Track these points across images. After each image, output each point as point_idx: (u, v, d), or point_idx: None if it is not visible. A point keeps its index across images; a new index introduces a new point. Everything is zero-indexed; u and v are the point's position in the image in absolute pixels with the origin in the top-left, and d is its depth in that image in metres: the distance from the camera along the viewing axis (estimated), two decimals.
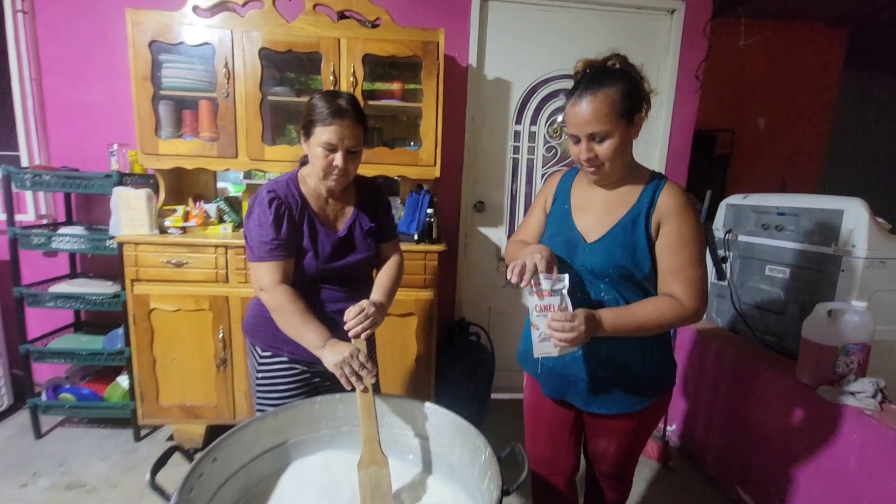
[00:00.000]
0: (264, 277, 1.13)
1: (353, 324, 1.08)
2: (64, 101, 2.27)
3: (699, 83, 2.50)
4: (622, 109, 0.96)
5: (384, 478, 0.98)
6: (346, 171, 1.14)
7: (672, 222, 1.00)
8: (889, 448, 1.29)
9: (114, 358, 2.04)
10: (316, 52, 1.95)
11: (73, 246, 2.03)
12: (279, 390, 1.23)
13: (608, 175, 1.04)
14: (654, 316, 1.00)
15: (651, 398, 1.11)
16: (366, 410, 1.02)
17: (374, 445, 1.00)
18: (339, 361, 1.03)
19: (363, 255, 1.26)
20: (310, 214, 1.20)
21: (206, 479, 0.92)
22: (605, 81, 0.97)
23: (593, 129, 0.97)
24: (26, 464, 1.95)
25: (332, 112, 1.09)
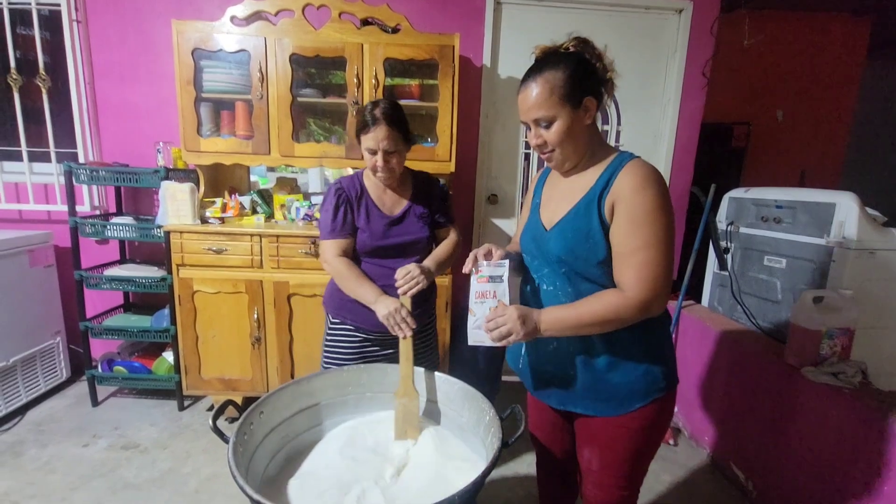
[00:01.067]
0: (327, 252, 1.41)
1: (401, 282, 1.28)
2: (114, 103, 2.50)
3: (706, 80, 2.57)
4: (565, 93, 0.93)
5: (414, 407, 1.21)
6: (388, 169, 1.35)
7: (625, 203, 0.92)
8: (865, 423, 1.40)
9: (160, 335, 2.27)
10: (341, 56, 2.12)
11: (125, 234, 2.26)
12: (341, 351, 1.49)
13: (563, 161, 1.01)
14: (594, 309, 0.93)
15: (630, 405, 1.01)
16: (405, 354, 1.24)
17: (408, 382, 1.23)
18: (387, 313, 1.25)
19: (415, 236, 1.46)
20: (367, 201, 1.43)
21: (255, 428, 1.10)
22: (547, 66, 0.94)
23: (535, 114, 0.95)
24: (86, 427, 2.20)
25: (369, 122, 1.31)
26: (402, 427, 1.21)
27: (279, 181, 2.53)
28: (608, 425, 1.05)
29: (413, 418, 1.21)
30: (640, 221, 0.90)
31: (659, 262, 0.90)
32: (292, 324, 2.18)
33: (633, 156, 0.99)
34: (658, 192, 0.91)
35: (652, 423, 1.04)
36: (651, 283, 0.90)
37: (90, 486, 1.81)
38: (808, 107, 3.64)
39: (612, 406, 1.03)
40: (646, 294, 0.90)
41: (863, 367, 1.53)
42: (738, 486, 1.92)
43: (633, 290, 0.91)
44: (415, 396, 1.22)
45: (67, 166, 2.16)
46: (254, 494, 0.82)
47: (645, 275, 0.90)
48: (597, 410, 1.05)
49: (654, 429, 1.05)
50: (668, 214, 0.92)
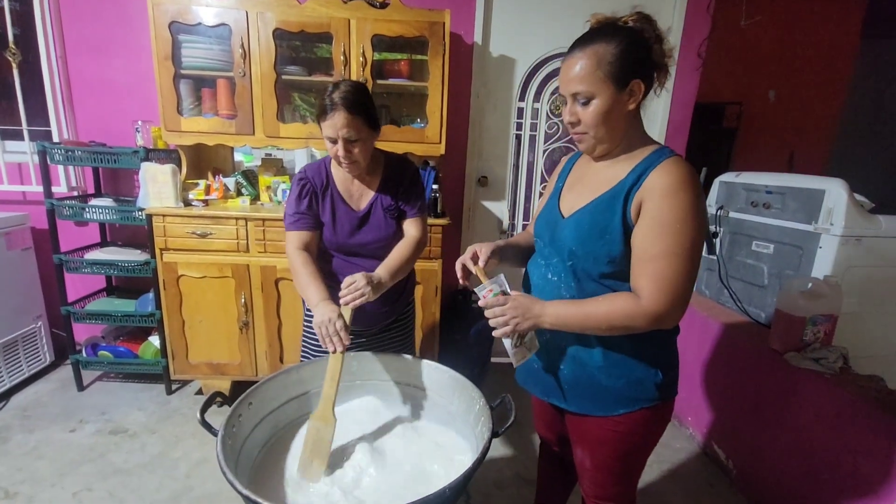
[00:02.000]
0: (288, 243, 1.33)
1: (344, 292, 1.18)
2: (88, 79, 2.38)
3: (701, 60, 2.54)
4: (612, 70, 0.84)
5: (326, 434, 1.07)
6: (350, 159, 1.24)
7: (653, 203, 0.84)
8: (843, 407, 1.44)
9: (145, 319, 2.24)
10: (327, 32, 2.03)
11: (105, 217, 2.19)
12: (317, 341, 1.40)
13: (594, 145, 0.92)
14: (603, 311, 0.87)
15: (613, 409, 0.98)
16: (330, 372, 1.11)
17: (328, 404, 1.09)
18: (320, 322, 1.13)
19: (382, 233, 1.37)
20: (333, 193, 1.34)
21: (244, 419, 1.09)
22: (599, 37, 0.85)
23: (575, 87, 0.87)
24: (73, 412, 2.18)
25: (326, 108, 1.19)
26: (308, 458, 1.05)
27: (265, 161, 2.46)
28: (595, 425, 1.01)
29: (324, 448, 1.06)
30: (667, 228, 0.83)
31: (680, 273, 0.83)
32: (280, 308, 2.16)
33: (673, 153, 0.90)
34: (692, 197, 0.83)
35: (640, 430, 1.00)
36: (668, 295, 0.83)
37: (79, 472, 1.80)
38: (801, 87, 3.62)
39: (596, 406, 0.99)
40: (661, 306, 0.84)
41: (844, 352, 1.57)
42: (719, 465, 1.98)
43: (647, 299, 0.84)
44: (331, 422, 1.08)
45: (41, 146, 2.07)
46: (243, 490, 0.82)
47: (663, 286, 0.83)
48: (580, 408, 1.02)
49: (643, 436, 1.02)
50: (698, 222, 0.84)
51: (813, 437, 1.54)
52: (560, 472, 1.37)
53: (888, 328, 1.90)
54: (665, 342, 1.00)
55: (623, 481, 1.08)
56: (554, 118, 2.64)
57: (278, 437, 1.20)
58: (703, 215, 0.86)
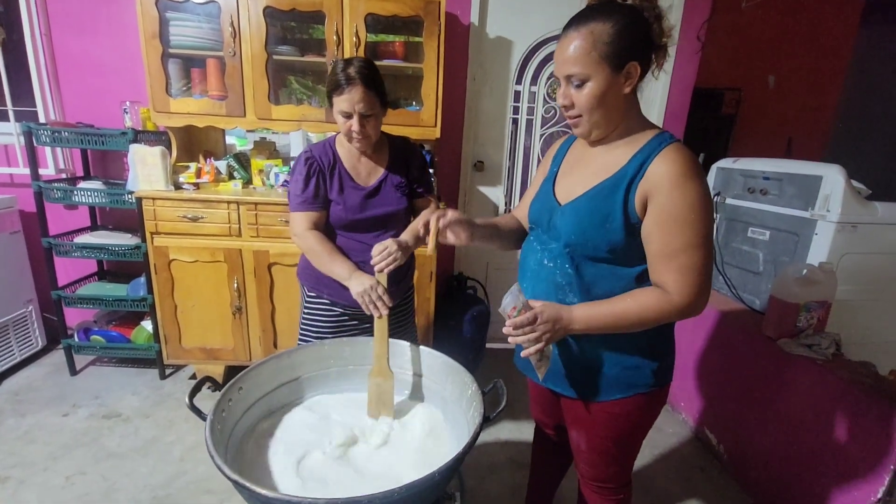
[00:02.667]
0: (297, 225, 1.33)
1: (377, 259, 1.19)
2: (74, 57, 2.32)
3: (701, 44, 2.49)
4: (608, 52, 0.81)
5: (388, 388, 1.17)
6: (364, 134, 1.25)
7: (663, 196, 0.82)
8: (834, 392, 1.45)
9: (137, 304, 2.22)
10: (319, 10, 1.98)
11: (94, 200, 2.16)
12: (318, 326, 1.44)
13: (589, 129, 0.90)
14: (634, 311, 0.86)
15: (609, 394, 0.98)
16: (379, 333, 1.19)
17: (382, 362, 1.18)
18: (361, 291, 1.19)
19: (391, 209, 1.38)
20: (340, 171, 1.34)
21: (234, 404, 1.08)
22: (596, 16, 0.82)
23: (569, 69, 0.84)
24: (65, 396, 2.17)
25: (344, 81, 1.20)
26: (375, 407, 1.18)
27: (257, 144, 2.42)
28: (590, 409, 1.02)
29: (388, 398, 1.17)
30: (683, 220, 0.82)
31: (703, 264, 0.84)
32: (273, 293, 2.14)
33: (673, 138, 0.88)
34: (700, 184, 0.82)
35: (635, 414, 1.01)
36: (696, 287, 0.84)
37: (72, 456, 1.80)
38: (800, 73, 3.59)
39: (593, 391, 1.00)
40: (691, 298, 0.84)
41: (837, 338, 1.57)
42: (710, 449, 2.00)
43: (678, 293, 0.84)
44: (389, 376, 1.18)
45: (27, 126, 2.02)
46: (231, 474, 0.81)
47: (691, 279, 0.83)
48: (576, 393, 1.02)
49: (638, 420, 1.02)
50: (709, 210, 0.84)
51: (804, 422, 1.55)
52: (554, 455, 1.38)
53: (881, 315, 1.90)
54: (662, 330, 0.99)
55: (618, 463, 1.09)
56: (551, 101, 2.60)
57: (270, 421, 1.20)
58: (711, 201, 0.86)
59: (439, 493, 1.00)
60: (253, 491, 0.77)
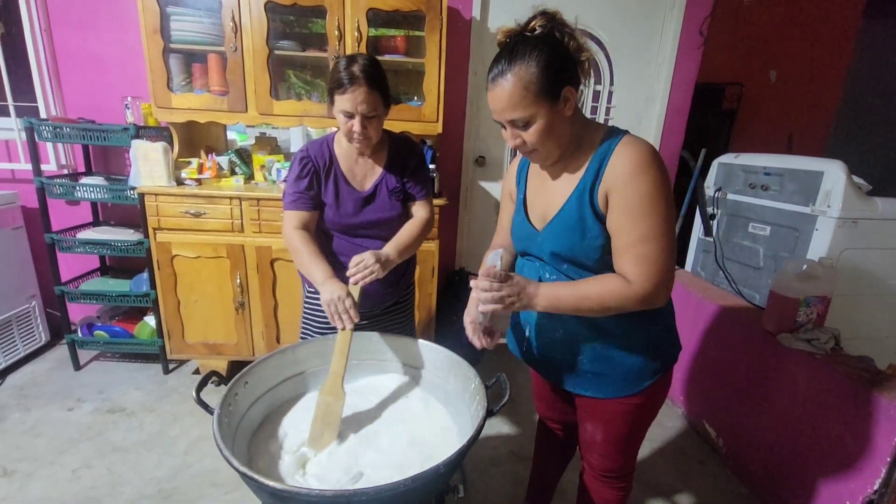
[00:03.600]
0: (286, 223, 1.30)
1: (352, 271, 1.17)
2: (74, 52, 2.32)
3: (703, 39, 2.49)
4: (541, 88, 0.82)
5: (336, 408, 1.09)
6: (365, 136, 1.21)
7: (619, 191, 0.85)
8: (833, 386, 1.46)
9: (140, 299, 2.23)
10: (320, 5, 1.98)
11: (96, 195, 2.16)
12: (319, 321, 1.44)
13: (546, 158, 0.93)
14: (595, 294, 0.88)
15: (637, 385, 1.01)
16: (339, 347, 1.14)
17: (337, 379, 1.12)
18: (329, 299, 1.13)
19: (387, 214, 1.34)
20: (336, 173, 1.31)
21: (240, 398, 1.09)
22: (517, 58, 0.82)
23: (510, 115, 0.86)
24: (70, 391, 2.19)
25: (347, 79, 1.15)
26: (318, 429, 1.07)
27: (259, 140, 2.42)
28: (613, 404, 1.04)
29: (334, 419, 1.08)
30: (637, 212, 0.84)
31: (660, 253, 0.85)
32: (276, 288, 2.15)
33: (623, 134, 0.90)
34: (654, 175, 0.84)
35: (654, 398, 1.06)
36: (653, 276, 0.85)
37: (78, 450, 1.82)
38: (802, 67, 3.58)
39: (619, 388, 1.02)
40: (649, 287, 0.85)
41: (836, 333, 1.58)
42: (709, 443, 2.02)
43: (636, 282, 0.86)
44: (340, 396, 1.10)
45: (28, 122, 2.02)
46: (239, 467, 0.82)
47: (646, 268, 0.85)
48: (604, 392, 1.04)
49: (655, 403, 1.07)
50: (665, 200, 0.85)
51: (802, 415, 1.57)
52: (558, 449, 1.40)
53: (880, 310, 1.91)
54: (668, 313, 1.04)
55: (629, 453, 1.13)
56: None
57: (275, 415, 1.21)
58: (669, 189, 0.86)
59: (443, 486, 1.01)
60: (262, 483, 0.78)
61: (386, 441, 1.11)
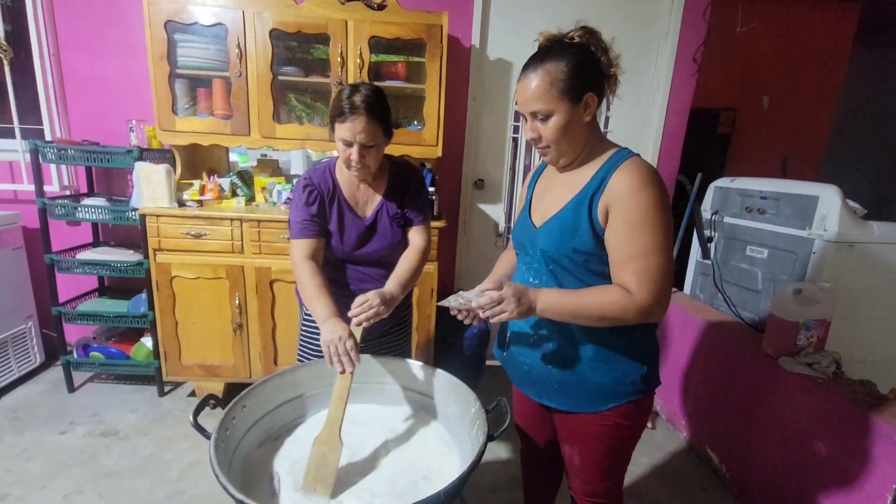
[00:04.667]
0: (295, 252, 1.29)
1: (356, 311, 1.15)
2: (81, 77, 2.36)
3: (697, 66, 2.55)
4: (565, 87, 0.89)
5: (332, 459, 1.01)
6: (363, 165, 1.22)
7: (620, 204, 0.88)
8: (836, 411, 1.45)
9: (138, 320, 2.21)
10: (324, 33, 2.03)
11: (98, 216, 2.17)
12: (316, 344, 1.41)
13: (558, 157, 0.98)
14: (595, 302, 0.90)
15: (603, 404, 1.01)
16: (338, 393, 1.08)
17: (334, 428, 1.05)
18: (328, 340, 1.09)
19: (388, 242, 1.35)
20: (339, 200, 1.32)
21: (238, 422, 1.08)
22: (550, 56, 0.90)
23: (532, 107, 0.92)
24: (63, 414, 2.15)
25: (346, 109, 1.16)
26: (312, 480, 0.99)
27: (260, 162, 2.45)
28: (584, 422, 1.05)
29: (329, 472, 1.00)
30: (637, 226, 0.87)
31: (659, 267, 0.88)
32: (275, 310, 2.14)
33: (631, 154, 0.95)
34: (655, 193, 0.87)
35: (626, 422, 1.04)
36: (652, 290, 0.87)
37: (70, 474, 1.78)
38: (794, 93, 3.65)
39: (585, 403, 1.03)
40: (649, 300, 0.87)
41: (836, 357, 1.58)
42: (712, 468, 1.99)
43: (639, 293, 0.87)
44: (337, 447, 1.03)
45: (33, 144, 2.05)
46: (236, 494, 0.81)
47: (648, 282, 0.87)
48: (571, 406, 1.05)
49: (629, 428, 1.05)
50: (666, 216, 0.88)
51: (805, 441, 1.55)
52: (546, 471, 1.38)
53: (880, 333, 1.91)
54: (647, 336, 1.03)
55: (611, 477, 1.11)
56: None
57: (272, 440, 1.19)
58: (668, 208, 0.90)
59: None
60: None
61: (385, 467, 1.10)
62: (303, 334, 1.47)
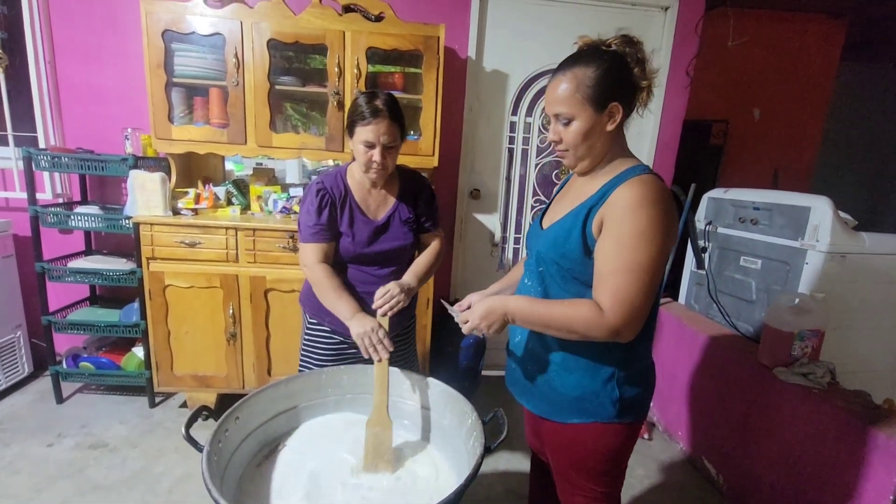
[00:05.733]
0: (308, 256, 1.32)
1: (380, 302, 1.22)
2: (77, 85, 2.36)
3: (690, 79, 2.59)
4: (591, 93, 0.88)
5: (386, 438, 1.12)
6: (384, 166, 1.27)
7: (614, 221, 0.87)
8: (832, 422, 1.45)
9: (130, 330, 2.18)
10: (322, 43, 2.04)
11: (90, 224, 2.15)
12: (318, 353, 1.43)
13: (575, 162, 0.96)
14: (564, 314, 0.89)
15: (574, 416, 0.99)
16: (379, 379, 1.16)
17: (382, 410, 1.14)
18: (361, 333, 1.17)
19: (399, 243, 1.39)
20: (351, 203, 1.35)
21: (231, 434, 1.06)
22: (581, 61, 0.89)
23: (556, 108, 0.91)
24: (51, 425, 2.11)
25: (370, 112, 1.22)
26: (372, 459, 1.10)
27: (256, 171, 2.45)
28: (551, 430, 1.06)
29: (385, 450, 1.11)
30: (625, 244, 0.85)
31: (637, 289, 0.84)
32: (269, 320, 2.12)
33: (645, 171, 0.91)
34: (653, 214, 0.84)
35: (592, 444, 1.00)
36: (624, 310, 0.84)
37: (56, 488, 1.74)
38: (785, 106, 3.71)
39: (551, 409, 1.03)
40: (618, 319, 0.84)
41: (831, 367, 1.59)
42: (709, 479, 1.98)
43: (610, 310, 0.85)
44: (388, 426, 1.13)
45: (26, 151, 2.03)
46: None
47: (620, 299, 0.84)
48: (541, 410, 1.05)
49: (594, 449, 1.01)
50: (659, 239, 0.84)
51: (802, 451, 1.55)
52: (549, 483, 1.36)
53: (873, 343, 1.93)
54: (630, 360, 0.98)
55: (586, 494, 1.06)
56: (546, 132, 2.67)
57: (266, 452, 1.18)
58: (666, 232, 0.85)
59: None
60: None
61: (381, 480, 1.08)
62: (306, 343, 1.46)
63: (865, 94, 3.99)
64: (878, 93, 4.01)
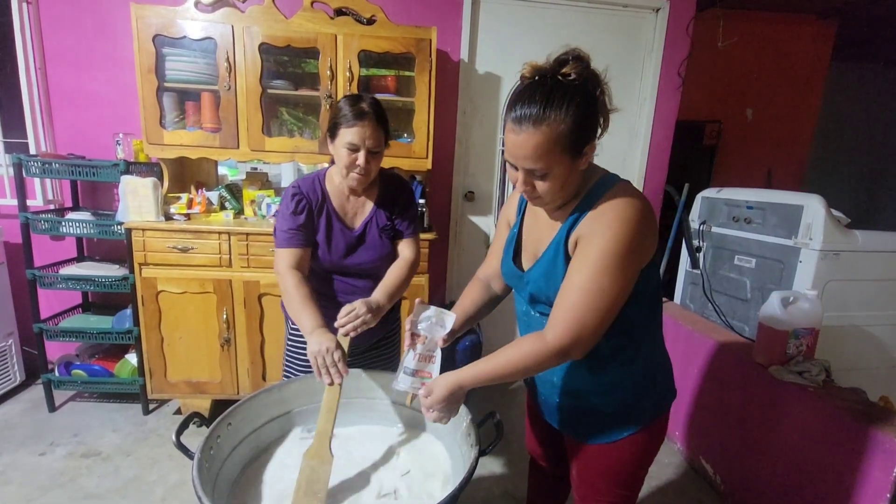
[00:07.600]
0: (280, 262, 1.26)
1: (343, 321, 1.14)
2: (67, 90, 2.34)
3: (681, 80, 2.60)
4: (568, 145, 0.78)
5: (323, 474, 0.99)
6: (367, 170, 1.22)
7: (585, 240, 0.84)
8: (828, 420, 1.45)
9: (123, 336, 2.17)
10: (314, 47, 2.04)
11: (82, 231, 2.14)
12: (301, 360, 1.39)
13: (551, 205, 0.90)
14: (513, 360, 0.87)
15: (625, 431, 0.98)
16: (327, 406, 1.06)
17: (324, 440, 1.03)
18: (316, 351, 1.07)
19: (377, 254, 1.34)
20: (328, 210, 1.30)
21: (223, 440, 1.05)
22: (551, 109, 0.77)
23: (531, 165, 0.80)
24: (43, 434, 2.08)
25: (356, 115, 1.17)
26: (303, 496, 0.96)
27: (249, 175, 2.44)
28: (595, 452, 1.03)
29: (321, 487, 0.97)
30: (590, 262, 0.81)
31: (590, 309, 0.81)
32: (263, 324, 2.11)
33: (615, 181, 0.88)
34: (622, 235, 0.80)
35: (639, 451, 1.01)
36: (573, 329, 0.81)
37: (48, 497, 1.72)
38: (777, 106, 3.74)
39: (595, 433, 1.01)
40: (564, 340, 0.82)
41: (826, 365, 1.59)
42: (706, 479, 1.98)
43: (552, 334, 0.83)
44: (328, 460, 1.01)
45: (17, 158, 2.02)
46: None
47: (570, 317, 0.81)
48: (581, 436, 1.04)
49: (639, 458, 1.02)
50: (624, 262, 0.81)
51: (798, 450, 1.54)
52: (551, 490, 1.36)
53: (867, 341, 1.93)
54: (653, 357, 1.01)
55: (612, 500, 1.07)
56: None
57: (259, 458, 1.16)
58: (636, 252, 0.83)
59: None
60: None
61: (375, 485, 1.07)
62: (288, 349, 1.44)
63: (856, 94, 4.02)
64: (868, 92, 4.05)
